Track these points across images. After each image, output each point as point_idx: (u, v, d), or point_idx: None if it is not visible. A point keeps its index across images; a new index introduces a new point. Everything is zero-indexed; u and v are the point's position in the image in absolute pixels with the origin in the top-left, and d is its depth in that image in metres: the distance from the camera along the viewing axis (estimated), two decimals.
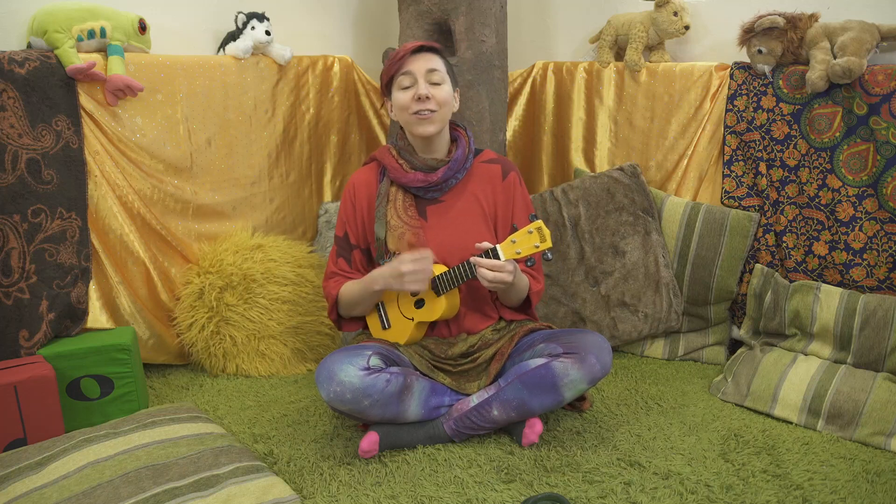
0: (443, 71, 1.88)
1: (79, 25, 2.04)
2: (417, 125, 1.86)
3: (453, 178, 1.92)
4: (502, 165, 1.98)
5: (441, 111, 1.86)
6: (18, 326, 1.96)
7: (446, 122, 1.91)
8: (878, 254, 2.16)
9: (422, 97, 1.83)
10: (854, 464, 1.76)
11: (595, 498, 1.59)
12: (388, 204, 1.92)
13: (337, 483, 1.65)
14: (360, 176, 2.00)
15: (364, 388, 1.68)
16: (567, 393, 1.76)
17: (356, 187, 1.98)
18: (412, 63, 1.85)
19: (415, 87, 1.84)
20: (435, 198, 1.93)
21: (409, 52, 1.86)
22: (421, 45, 1.87)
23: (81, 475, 1.53)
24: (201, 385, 2.25)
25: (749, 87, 2.35)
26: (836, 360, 2.07)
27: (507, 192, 1.95)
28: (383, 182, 1.94)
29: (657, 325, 2.41)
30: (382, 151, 1.96)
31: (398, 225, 1.89)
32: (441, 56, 1.90)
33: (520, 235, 1.71)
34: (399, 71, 1.86)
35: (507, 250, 1.73)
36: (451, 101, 1.89)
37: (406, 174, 1.89)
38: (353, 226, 1.97)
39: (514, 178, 1.96)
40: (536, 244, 1.69)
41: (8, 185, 1.94)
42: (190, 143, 2.34)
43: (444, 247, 1.88)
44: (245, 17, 2.42)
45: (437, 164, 1.90)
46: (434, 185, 1.90)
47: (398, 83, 1.87)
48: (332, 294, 1.96)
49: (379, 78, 2.85)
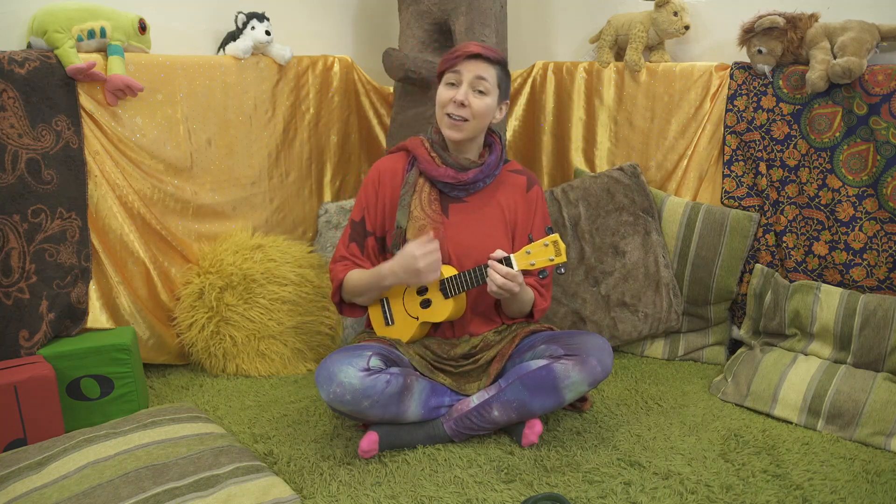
0: (492, 82, 1.86)
1: (79, 25, 2.03)
2: (447, 127, 1.87)
3: (483, 181, 1.92)
4: (528, 178, 1.99)
5: (474, 121, 1.85)
6: (18, 326, 1.96)
7: (478, 132, 1.89)
8: (878, 254, 2.16)
9: (457, 102, 1.83)
10: (854, 464, 1.76)
11: (595, 498, 1.59)
12: (414, 194, 1.90)
13: (337, 483, 1.65)
14: (386, 163, 1.98)
15: (364, 389, 1.68)
16: (568, 394, 1.76)
17: (381, 174, 1.96)
18: (464, 65, 1.84)
19: (457, 89, 1.84)
20: (459, 197, 1.93)
21: (467, 55, 1.84)
22: (479, 52, 1.84)
23: (81, 475, 1.53)
24: (201, 385, 2.25)
25: (749, 87, 2.35)
26: (836, 360, 2.07)
27: (529, 205, 1.96)
28: (412, 171, 1.92)
29: (657, 325, 2.41)
30: (415, 142, 1.95)
31: (420, 216, 1.88)
32: (498, 66, 1.87)
33: (535, 247, 1.72)
34: (450, 68, 1.86)
35: (521, 261, 1.73)
36: (487, 113, 1.87)
37: (437, 168, 1.89)
38: (373, 212, 1.95)
39: (537, 192, 1.98)
40: (551, 257, 1.70)
41: (8, 185, 1.94)
42: (190, 143, 2.34)
43: (460, 247, 1.88)
44: (245, 17, 2.42)
45: (468, 164, 1.90)
46: (462, 184, 1.89)
47: (446, 78, 1.87)
48: (338, 277, 1.94)
49: (380, 77, 2.88)
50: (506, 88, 1.92)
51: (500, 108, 1.92)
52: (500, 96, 1.90)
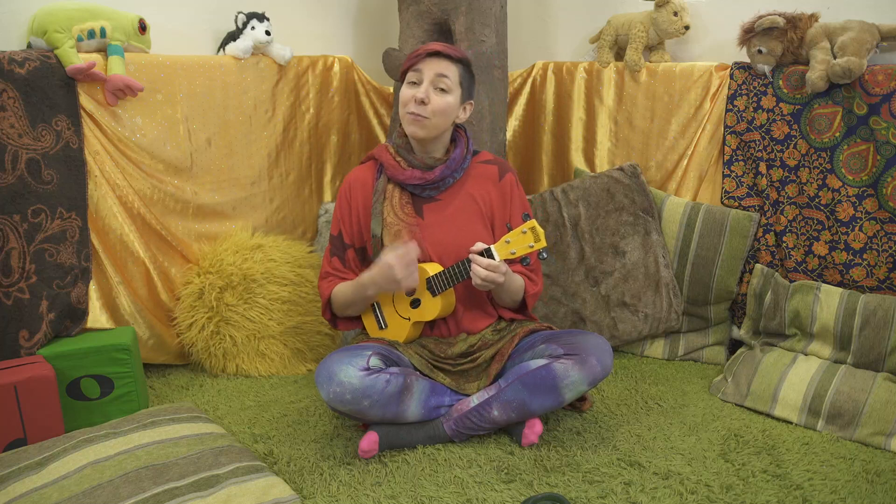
0: (453, 80, 1.86)
1: (79, 25, 2.03)
2: (408, 125, 1.87)
3: (450, 177, 1.92)
4: (499, 167, 1.98)
5: (434, 119, 1.85)
6: (18, 326, 1.96)
7: (440, 129, 1.89)
8: (878, 254, 2.15)
9: (418, 99, 1.83)
10: (854, 464, 1.76)
11: (595, 498, 1.59)
12: (385, 201, 1.91)
13: (337, 483, 1.65)
14: (356, 174, 2.00)
15: (364, 389, 1.68)
16: (567, 394, 1.76)
17: (352, 185, 1.98)
18: (425, 63, 1.85)
19: (418, 88, 1.85)
20: (432, 196, 1.93)
21: (427, 53, 1.85)
22: (440, 50, 1.85)
23: (81, 475, 1.53)
24: (201, 385, 2.25)
25: (749, 87, 2.35)
26: (836, 360, 2.07)
27: (503, 193, 1.95)
28: (380, 179, 1.94)
29: (657, 325, 2.41)
30: (380, 149, 1.96)
31: (395, 222, 1.89)
32: (459, 65, 1.88)
33: (514, 235, 1.72)
34: (412, 66, 1.87)
35: (502, 250, 1.74)
36: (448, 111, 1.87)
37: (403, 171, 1.90)
38: (348, 224, 1.97)
39: (510, 179, 1.96)
40: (531, 244, 1.70)
41: (8, 185, 1.94)
42: (190, 143, 2.34)
43: (440, 245, 1.88)
44: (245, 17, 2.42)
45: (434, 162, 1.90)
46: (431, 183, 1.90)
47: (408, 77, 1.89)
48: (325, 294, 1.97)
49: (380, 77, 2.88)
50: (469, 87, 1.92)
51: (463, 108, 1.92)
52: (462, 95, 1.90)
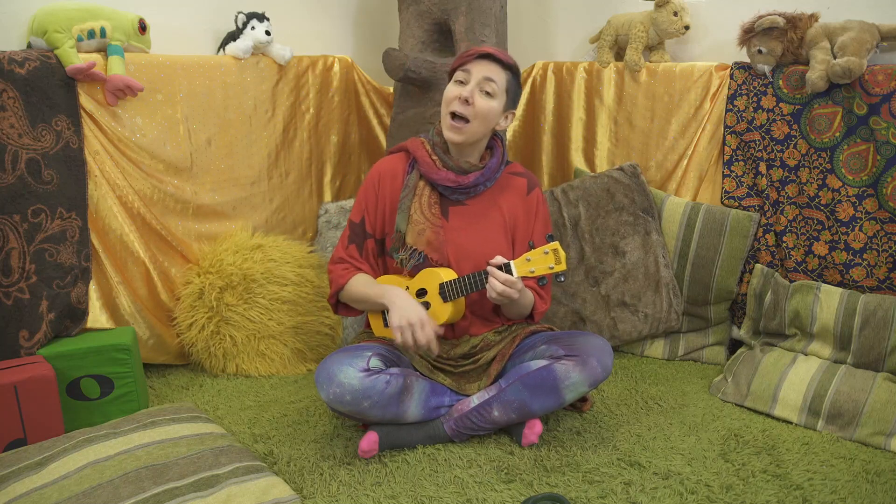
0: (500, 85, 1.84)
1: (79, 25, 2.03)
2: (447, 129, 1.85)
3: (483, 184, 1.91)
4: (528, 180, 1.98)
5: (475, 123, 1.83)
6: (18, 326, 1.96)
7: (479, 136, 1.87)
8: (878, 254, 2.15)
9: (462, 98, 1.82)
10: (854, 464, 1.76)
11: (595, 498, 1.59)
12: (414, 198, 1.89)
13: (337, 483, 1.65)
14: (386, 164, 1.96)
15: (364, 390, 1.68)
16: (568, 395, 1.76)
17: (382, 175, 1.95)
18: (475, 65, 1.83)
19: (464, 87, 1.83)
20: (460, 200, 1.92)
21: (479, 54, 1.84)
22: (492, 53, 1.84)
23: (81, 475, 1.53)
24: (201, 385, 2.25)
25: (749, 87, 2.35)
26: (836, 360, 2.07)
27: (528, 208, 1.95)
28: (412, 174, 1.91)
29: (657, 325, 2.41)
30: (415, 143, 1.93)
31: (420, 220, 1.87)
32: (509, 72, 1.86)
33: (535, 254, 1.71)
34: (462, 66, 1.86)
35: (521, 268, 1.73)
36: (491, 116, 1.85)
37: (438, 171, 1.87)
38: (372, 214, 1.94)
39: (537, 195, 1.97)
40: (551, 265, 1.69)
41: (8, 185, 1.94)
42: (190, 143, 2.34)
43: (460, 250, 1.88)
44: (245, 17, 2.42)
45: (469, 167, 1.88)
46: (463, 187, 1.88)
47: (456, 76, 1.87)
48: (338, 282, 1.93)
49: (380, 77, 2.88)
50: (514, 96, 1.91)
51: (505, 116, 1.90)
52: (507, 103, 1.88)
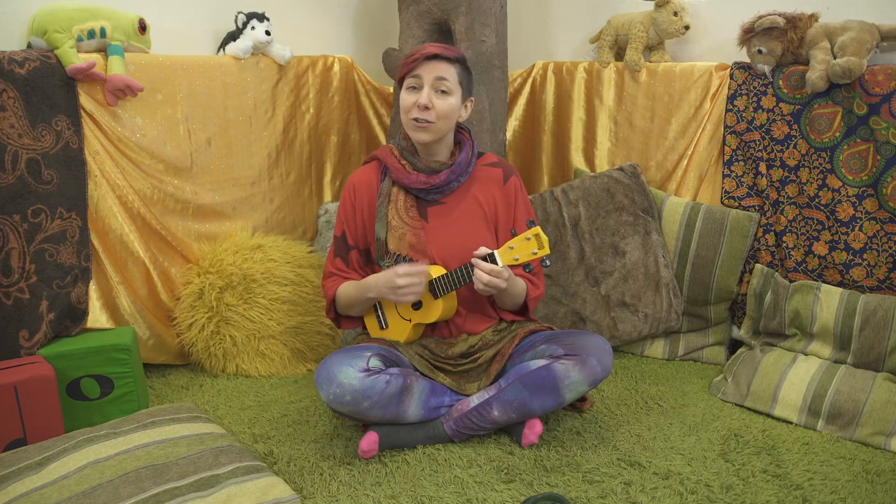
0: (453, 81, 1.85)
1: (79, 25, 2.03)
2: (413, 131, 1.86)
3: (455, 181, 1.91)
4: (504, 169, 1.97)
5: (439, 123, 1.84)
6: (18, 326, 1.96)
7: (444, 132, 1.88)
8: (878, 254, 2.16)
9: (421, 106, 1.82)
10: (854, 464, 1.76)
11: (595, 498, 1.59)
12: (390, 204, 1.91)
13: (337, 483, 1.66)
14: (359, 175, 1.99)
15: (364, 390, 1.68)
16: (568, 394, 1.76)
17: (356, 187, 1.97)
18: (423, 68, 1.83)
19: (419, 93, 1.83)
20: (436, 199, 1.93)
21: (424, 57, 1.83)
22: (437, 52, 1.83)
23: (81, 475, 1.53)
24: (201, 385, 2.25)
25: (749, 87, 2.35)
26: (836, 360, 2.07)
27: (507, 196, 1.95)
28: (385, 182, 1.93)
29: (657, 325, 2.41)
30: (384, 151, 1.95)
31: (399, 225, 1.89)
32: (457, 64, 1.86)
33: (518, 241, 1.72)
34: (410, 72, 1.85)
35: (505, 256, 1.73)
36: (452, 114, 1.86)
37: (408, 175, 1.89)
38: (352, 226, 1.97)
39: (515, 182, 1.96)
40: (534, 251, 1.69)
41: (8, 185, 1.94)
42: (190, 143, 2.34)
43: (444, 248, 1.88)
44: (245, 17, 2.42)
45: (439, 166, 1.89)
46: (436, 187, 1.89)
47: (406, 83, 1.87)
48: (329, 294, 1.97)
49: (380, 77, 2.89)
50: (468, 85, 1.91)
51: (464, 106, 1.91)
52: (463, 94, 1.89)
